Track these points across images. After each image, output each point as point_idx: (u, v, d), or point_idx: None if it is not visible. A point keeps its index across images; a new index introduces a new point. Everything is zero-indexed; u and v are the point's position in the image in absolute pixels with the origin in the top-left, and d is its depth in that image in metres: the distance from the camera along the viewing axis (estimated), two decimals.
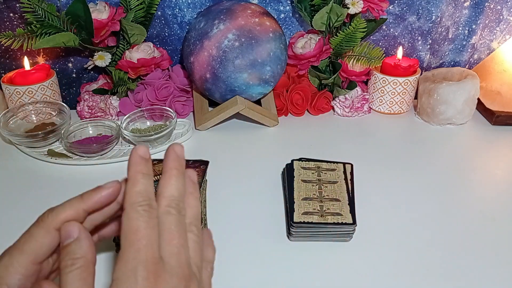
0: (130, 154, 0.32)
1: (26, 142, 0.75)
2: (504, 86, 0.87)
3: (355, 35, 0.81)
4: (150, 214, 0.29)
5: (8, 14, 0.84)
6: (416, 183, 0.70)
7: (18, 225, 0.60)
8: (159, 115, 0.82)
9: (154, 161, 0.67)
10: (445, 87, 0.82)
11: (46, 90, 0.83)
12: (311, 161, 0.67)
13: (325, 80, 0.89)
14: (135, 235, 0.28)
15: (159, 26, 0.89)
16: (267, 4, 0.88)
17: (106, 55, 0.82)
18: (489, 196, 0.67)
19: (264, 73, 0.77)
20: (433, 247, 0.57)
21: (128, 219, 0.29)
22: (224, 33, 0.75)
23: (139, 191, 0.30)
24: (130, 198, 0.30)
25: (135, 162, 0.31)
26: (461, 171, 0.73)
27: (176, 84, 0.87)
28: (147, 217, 0.29)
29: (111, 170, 0.73)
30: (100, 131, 0.80)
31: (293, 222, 0.56)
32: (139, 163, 0.31)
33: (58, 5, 0.78)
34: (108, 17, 0.79)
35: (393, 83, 0.86)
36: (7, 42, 0.75)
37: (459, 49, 0.97)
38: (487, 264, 0.54)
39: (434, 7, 0.90)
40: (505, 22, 0.94)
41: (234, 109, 0.79)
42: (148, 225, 0.29)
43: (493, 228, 0.60)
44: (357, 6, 0.80)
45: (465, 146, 0.81)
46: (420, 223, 0.61)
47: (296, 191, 0.61)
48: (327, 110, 0.91)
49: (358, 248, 0.57)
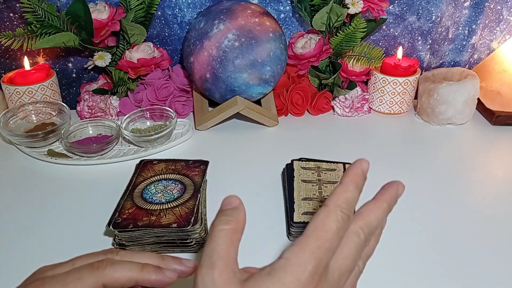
0: (355, 163, 0.32)
1: (26, 142, 0.75)
2: (504, 86, 0.87)
3: (355, 35, 0.81)
4: (344, 224, 0.30)
5: (8, 14, 0.84)
6: (416, 183, 0.70)
7: (18, 225, 0.61)
8: (159, 115, 0.82)
9: (154, 161, 0.68)
10: (445, 87, 0.82)
11: (46, 90, 0.83)
12: (311, 161, 0.67)
13: (325, 80, 0.89)
14: (324, 233, 0.29)
15: (159, 26, 0.89)
16: (267, 4, 0.88)
17: (106, 55, 0.82)
18: (489, 196, 0.67)
19: (264, 73, 0.77)
20: (433, 247, 0.57)
21: (326, 215, 0.30)
22: (224, 33, 0.75)
23: (348, 198, 0.31)
24: (338, 200, 0.30)
25: (356, 173, 0.32)
26: (461, 171, 0.73)
27: (176, 84, 0.87)
28: (341, 225, 0.30)
29: (111, 170, 0.73)
30: (100, 131, 0.80)
31: (293, 222, 0.56)
32: (358, 174, 0.32)
33: (58, 5, 0.78)
34: (108, 17, 0.79)
35: (393, 83, 0.86)
36: (7, 42, 0.75)
37: (459, 49, 0.97)
38: (487, 264, 0.54)
39: (434, 7, 0.90)
40: (505, 22, 0.94)
41: (234, 109, 0.79)
42: (338, 232, 0.29)
43: (493, 228, 0.60)
44: (357, 6, 0.80)
45: (465, 146, 0.81)
46: (420, 223, 0.61)
47: (296, 191, 0.61)
48: (327, 110, 0.91)
49: None
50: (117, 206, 0.57)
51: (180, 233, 0.54)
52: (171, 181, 0.62)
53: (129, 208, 0.57)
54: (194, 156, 0.69)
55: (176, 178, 0.63)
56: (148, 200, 0.58)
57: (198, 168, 0.65)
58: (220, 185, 0.68)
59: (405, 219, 0.62)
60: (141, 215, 0.55)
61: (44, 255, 0.55)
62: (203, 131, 0.84)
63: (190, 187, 0.61)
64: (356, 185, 0.31)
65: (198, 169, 0.65)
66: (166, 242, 0.54)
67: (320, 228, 0.29)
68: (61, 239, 0.58)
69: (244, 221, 0.31)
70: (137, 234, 0.54)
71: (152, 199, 0.58)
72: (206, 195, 0.64)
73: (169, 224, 0.54)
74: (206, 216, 0.60)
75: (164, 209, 0.56)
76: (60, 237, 0.58)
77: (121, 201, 0.58)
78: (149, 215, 0.55)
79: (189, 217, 0.55)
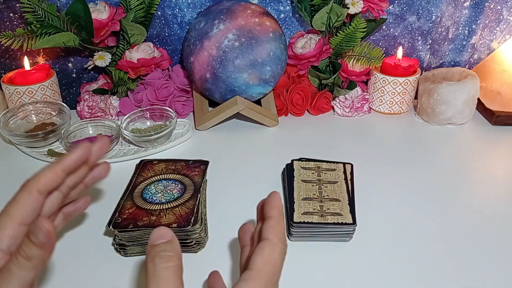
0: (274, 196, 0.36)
1: (26, 142, 0.75)
2: (504, 86, 0.87)
3: (355, 35, 0.81)
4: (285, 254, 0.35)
5: (8, 14, 0.84)
6: (416, 183, 0.70)
7: None
8: (159, 115, 0.82)
9: (154, 161, 0.68)
10: (445, 87, 0.82)
11: (46, 90, 0.83)
12: (311, 161, 0.67)
13: (325, 80, 0.89)
14: (273, 267, 0.33)
15: (159, 26, 0.89)
16: (267, 4, 0.88)
17: (106, 55, 0.82)
18: (489, 196, 0.67)
19: (264, 73, 0.77)
20: (433, 247, 0.57)
21: (272, 250, 0.33)
22: (224, 33, 0.75)
23: (283, 230, 0.35)
24: (277, 234, 0.34)
25: (280, 205, 0.36)
26: (461, 171, 0.73)
27: (176, 84, 0.87)
28: (284, 256, 0.34)
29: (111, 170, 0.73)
30: (100, 131, 0.80)
31: (293, 222, 0.56)
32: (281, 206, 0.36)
33: (58, 5, 0.78)
34: (108, 17, 0.79)
35: (393, 83, 0.86)
36: (7, 42, 0.75)
37: (459, 49, 0.97)
38: (487, 264, 0.54)
39: (434, 7, 0.90)
40: (505, 22, 0.94)
41: (234, 109, 0.79)
42: (282, 263, 0.35)
43: (493, 228, 0.60)
44: (357, 6, 0.80)
45: (465, 146, 0.81)
46: (420, 223, 0.61)
47: (296, 191, 0.61)
48: (327, 110, 0.91)
49: (358, 248, 0.57)
50: (117, 206, 0.57)
51: (180, 233, 0.54)
52: (171, 181, 0.62)
53: (129, 208, 0.57)
54: (194, 156, 0.69)
55: (176, 178, 0.63)
56: (148, 200, 0.58)
57: (198, 168, 0.65)
58: (220, 185, 0.68)
59: (405, 219, 0.62)
60: (141, 215, 0.55)
61: None
62: (203, 131, 0.84)
63: (190, 187, 0.61)
64: (283, 216, 0.35)
65: (198, 169, 0.65)
66: None
67: (269, 262, 0.32)
68: (61, 239, 0.58)
69: (181, 255, 0.32)
70: (137, 234, 0.54)
71: (152, 199, 0.58)
72: (206, 195, 0.64)
73: (169, 224, 0.54)
74: (206, 216, 0.60)
75: (164, 209, 0.56)
76: (60, 237, 0.58)
77: (121, 201, 0.58)
78: (149, 215, 0.55)
79: (189, 217, 0.55)
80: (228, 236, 0.57)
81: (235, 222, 0.61)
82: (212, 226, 0.59)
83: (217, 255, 0.55)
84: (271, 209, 0.35)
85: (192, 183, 0.62)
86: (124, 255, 0.55)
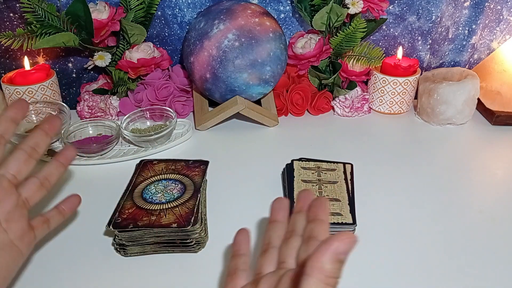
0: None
1: None
2: (504, 86, 0.87)
3: (355, 35, 0.81)
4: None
5: (8, 14, 0.84)
6: (416, 183, 0.70)
7: None
8: (159, 115, 0.82)
9: (154, 161, 0.68)
10: (445, 87, 0.82)
11: (46, 90, 0.83)
12: (311, 161, 0.67)
13: (325, 80, 0.90)
14: None
15: (159, 26, 0.89)
16: (267, 4, 0.88)
17: (106, 55, 0.82)
18: (489, 196, 0.67)
19: (264, 73, 0.77)
20: (433, 247, 0.57)
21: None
22: (224, 33, 0.75)
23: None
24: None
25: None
26: (461, 171, 0.73)
27: (176, 84, 0.87)
28: None
29: (111, 170, 0.73)
30: (100, 131, 0.80)
31: None
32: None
33: (58, 5, 0.78)
34: (108, 17, 0.79)
35: (393, 83, 0.86)
36: (7, 42, 0.75)
37: (459, 49, 0.97)
38: (487, 264, 0.54)
39: (434, 7, 0.90)
40: (505, 22, 0.94)
41: (234, 109, 0.79)
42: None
43: (493, 228, 0.60)
44: (357, 6, 0.80)
45: (465, 146, 0.81)
46: (420, 223, 0.61)
47: (296, 191, 0.61)
48: (327, 110, 0.91)
49: (358, 248, 0.56)
50: (117, 206, 0.57)
51: (180, 233, 0.54)
52: (171, 181, 0.62)
53: (129, 208, 0.57)
54: (194, 156, 0.69)
55: (176, 178, 0.63)
56: (148, 200, 0.58)
57: (198, 168, 0.65)
58: (220, 185, 0.68)
59: (405, 219, 0.62)
60: (141, 215, 0.55)
61: (44, 255, 0.55)
62: (203, 131, 0.84)
63: (190, 187, 0.61)
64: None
65: (198, 169, 0.65)
66: (166, 242, 0.54)
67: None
68: (61, 239, 0.58)
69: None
70: (137, 234, 0.54)
71: (152, 199, 0.58)
72: (206, 195, 0.64)
73: (169, 224, 0.54)
74: (206, 216, 0.60)
75: (164, 209, 0.56)
76: (60, 237, 0.58)
77: (121, 201, 0.58)
78: (149, 215, 0.55)
79: (189, 217, 0.55)
80: (228, 236, 0.57)
81: (235, 222, 0.61)
82: (212, 226, 0.59)
83: (217, 255, 0.55)
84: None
85: (192, 183, 0.62)
86: (124, 255, 0.55)
